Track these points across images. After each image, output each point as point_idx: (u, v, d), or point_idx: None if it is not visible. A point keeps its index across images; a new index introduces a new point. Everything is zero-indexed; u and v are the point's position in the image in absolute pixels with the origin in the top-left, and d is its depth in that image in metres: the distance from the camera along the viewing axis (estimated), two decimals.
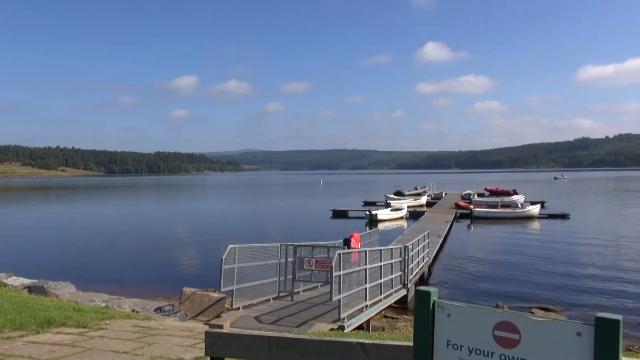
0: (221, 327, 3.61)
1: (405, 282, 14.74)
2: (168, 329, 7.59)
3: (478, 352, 2.30)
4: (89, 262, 24.20)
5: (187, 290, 13.69)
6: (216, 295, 13.13)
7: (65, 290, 13.54)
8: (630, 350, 11.12)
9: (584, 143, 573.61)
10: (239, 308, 10.99)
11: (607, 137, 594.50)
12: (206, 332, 3.51)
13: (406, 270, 14.86)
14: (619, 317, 1.99)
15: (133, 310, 11.31)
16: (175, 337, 6.81)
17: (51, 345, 6.18)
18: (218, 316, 11.80)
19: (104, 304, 11.58)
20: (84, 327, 7.31)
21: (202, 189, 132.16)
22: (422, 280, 18.66)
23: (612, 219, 42.26)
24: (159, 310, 11.82)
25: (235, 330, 4.10)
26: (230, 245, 10.90)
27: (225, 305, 12.54)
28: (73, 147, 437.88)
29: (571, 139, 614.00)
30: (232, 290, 10.90)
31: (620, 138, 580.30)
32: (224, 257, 10.56)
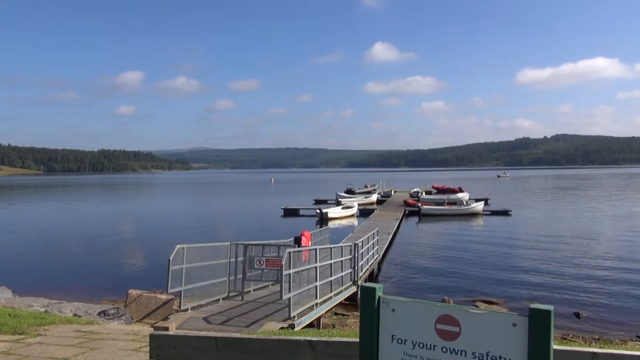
0: (166, 329, 3.53)
1: (356, 279, 14.92)
2: (112, 333, 7.34)
3: (421, 345, 2.36)
4: (27, 266, 23.00)
5: (133, 292, 13.27)
6: (164, 296, 12.81)
7: (1, 296, 12.80)
8: (565, 338, 11.75)
9: (524, 143, 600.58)
10: (187, 309, 10.77)
11: (545, 137, 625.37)
12: (151, 335, 3.43)
13: (356, 268, 15.03)
14: (550, 307, 2.11)
15: (75, 315, 10.85)
16: (119, 341, 6.59)
17: None
18: (166, 318, 11.52)
19: (43, 309, 11.04)
20: (20, 334, 6.95)
21: (149, 187, 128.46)
22: (372, 276, 18.96)
23: (549, 215, 44.49)
24: (102, 313, 11.39)
25: (181, 332, 4.02)
26: (177, 245, 10.67)
27: (174, 306, 12.25)
28: (9, 144, 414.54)
29: (512, 138, 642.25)
30: (180, 291, 10.66)
31: (557, 138, 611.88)
32: (171, 258, 10.32)
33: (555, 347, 2.34)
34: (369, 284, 2.53)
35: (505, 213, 43.31)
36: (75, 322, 8.62)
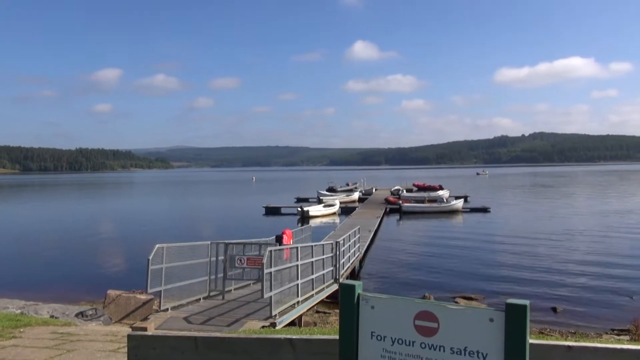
0: (145, 329, 3.48)
1: (337, 277, 14.96)
2: (90, 334, 7.23)
3: (400, 341, 2.38)
4: (2, 267, 22.50)
5: (112, 292, 13.07)
6: (143, 297, 12.65)
7: None
8: (543, 332, 11.97)
9: (503, 141, 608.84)
10: (167, 309, 10.66)
11: (523, 135, 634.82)
12: (129, 335, 3.38)
13: (337, 265, 15.08)
14: (526, 302, 2.14)
15: (52, 316, 10.65)
16: (97, 342, 6.49)
17: None
18: (146, 319, 11.39)
19: (18, 311, 10.81)
20: None
21: (129, 187, 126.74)
22: (354, 274, 19.03)
23: (527, 212, 45.23)
24: (80, 315, 11.20)
25: (160, 332, 3.97)
26: (157, 245, 10.55)
27: (154, 307, 12.11)
28: None
29: (491, 136, 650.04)
30: (160, 291, 10.55)
31: (534, 136, 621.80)
32: (150, 257, 10.20)
33: (531, 341, 2.38)
34: (348, 282, 2.53)
35: (484, 210, 43.88)
36: (52, 323, 8.46)
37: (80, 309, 11.82)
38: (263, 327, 9.46)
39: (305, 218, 39.45)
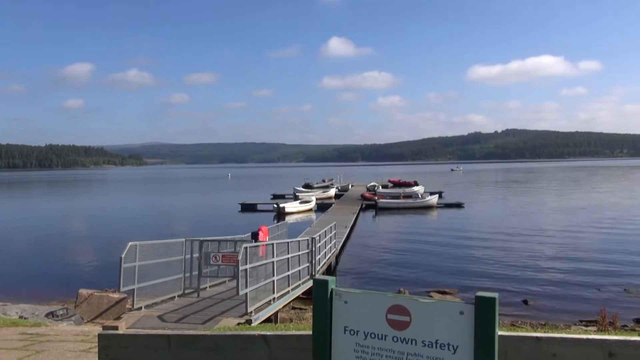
0: (116, 328, 3.43)
1: (313, 273, 14.98)
2: (60, 334, 7.08)
3: (373, 335, 2.40)
4: None
5: (84, 292, 12.84)
6: (116, 295, 12.46)
7: None
8: (514, 325, 12.24)
9: (476, 137, 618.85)
10: (140, 308, 10.51)
11: (496, 132, 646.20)
12: (99, 335, 3.32)
13: (314, 262, 15.10)
14: (495, 295, 2.18)
15: (21, 317, 10.41)
16: (68, 343, 6.36)
17: None
18: (118, 318, 11.21)
19: None
20: None
21: (101, 184, 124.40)
22: (330, 270, 19.10)
23: (500, 207, 46.12)
24: (51, 315, 10.97)
25: (131, 331, 3.91)
26: (130, 243, 10.38)
27: (127, 305, 11.94)
28: None
29: (465, 133, 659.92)
30: (133, 289, 10.40)
31: (506, 133, 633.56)
32: (123, 255, 10.03)
33: (500, 332, 2.43)
34: (321, 277, 2.54)
35: (458, 205, 44.53)
36: (20, 324, 8.26)
37: (51, 309, 11.58)
38: (238, 324, 9.42)
39: (281, 215, 39.37)
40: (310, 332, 2.64)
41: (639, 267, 19.24)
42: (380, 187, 62.58)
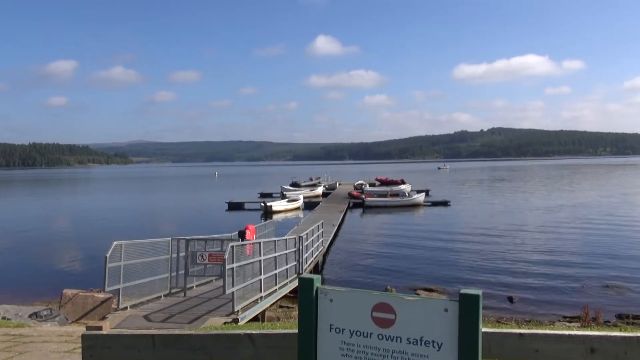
0: (100, 328, 3.39)
1: (300, 272, 14.98)
2: (44, 335, 6.99)
3: (358, 333, 2.40)
4: None
5: (68, 292, 12.67)
6: (101, 295, 12.32)
7: None
8: (500, 321, 12.37)
9: (463, 136, 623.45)
10: (126, 308, 10.43)
11: (482, 131, 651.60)
12: (83, 335, 3.28)
13: (301, 260, 15.11)
14: (479, 292, 2.20)
15: (3, 318, 10.25)
16: (51, 344, 6.28)
17: None
18: (104, 318, 11.10)
19: None
20: None
21: (86, 183, 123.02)
22: (317, 268, 19.11)
23: (486, 205, 46.52)
24: (34, 315, 10.82)
25: (116, 331, 3.88)
26: (115, 242, 10.29)
27: (112, 305, 11.82)
28: None
29: (452, 132, 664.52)
30: (119, 289, 10.31)
31: (492, 131, 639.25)
32: (108, 255, 9.94)
33: (484, 329, 2.45)
34: (306, 275, 2.54)
35: (445, 204, 44.83)
36: (3, 325, 8.15)
37: (35, 309, 11.43)
38: (225, 323, 9.39)
39: (268, 213, 39.31)
40: (296, 330, 2.64)
41: (621, 264, 19.56)
42: (368, 185, 62.77)
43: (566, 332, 2.67)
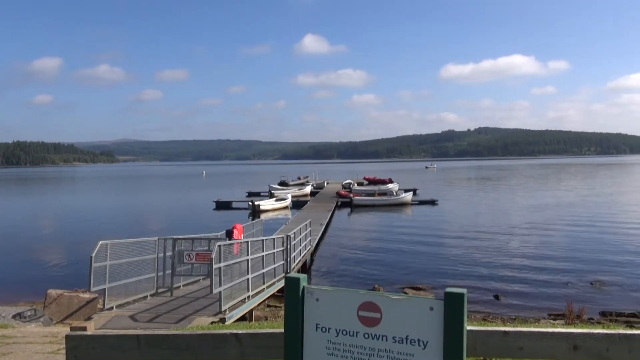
0: (84, 328, 3.35)
1: (288, 271, 14.97)
2: (28, 336, 6.90)
3: (344, 332, 2.41)
4: None
5: (53, 292, 12.52)
6: (87, 295, 12.19)
7: None
8: (486, 319, 12.47)
9: (450, 135, 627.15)
10: (112, 308, 10.34)
11: (469, 130, 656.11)
12: (67, 336, 3.24)
13: (288, 259, 15.10)
14: (464, 291, 2.22)
15: None
16: (35, 345, 6.20)
17: None
18: (89, 318, 10.99)
19: None
20: None
21: (71, 181, 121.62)
22: (305, 267, 19.11)
23: (473, 204, 46.90)
24: (18, 316, 10.66)
25: (100, 332, 3.84)
26: (100, 241, 10.19)
27: (98, 305, 11.71)
28: None
29: (439, 131, 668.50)
30: (104, 289, 10.22)
31: (479, 131, 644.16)
32: (93, 255, 9.85)
33: (469, 327, 2.47)
34: (293, 275, 2.54)
35: (432, 203, 45.09)
36: None
37: (18, 310, 11.26)
38: (212, 322, 9.35)
39: (256, 212, 39.20)
40: (283, 330, 2.63)
41: (606, 262, 19.85)
42: (356, 184, 62.90)
43: (549, 330, 2.70)
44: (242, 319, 10.86)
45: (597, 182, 77.78)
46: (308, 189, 59.26)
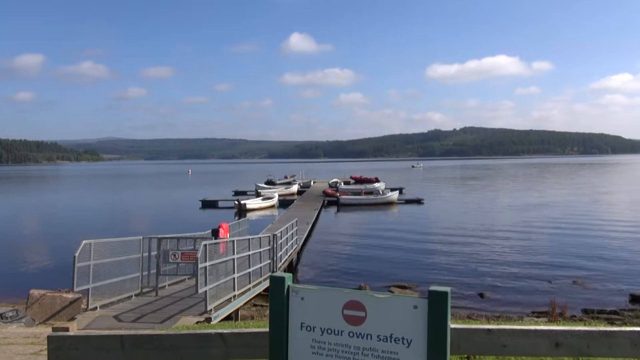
0: (67, 329, 3.31)
1: (275, 270, 14.94)
2: (9, 337, 6.79)
3: (329, 331, 2.41)
4: None
5: (35, 292, 12.33)
6: (70, 295, 12.03)
7: None
8: (471, 317, 12.58)
9: (436, 135, 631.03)
10: (96, 308, 10.23)
11: (454, 130, 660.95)
12: (49, 337, 3.20)
13: (275, 258, 15.07)
14: (447, 289, 2.23)
15: None
16: (17, 346, 6.11)
17: None
18: (72, 319, 10.86)
19: None
20: None
21: (55, 180, 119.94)
22: (291, 266, 19.10)
23: (458, 203, 47.28)
24: None
25: (83, 332, 3.80)
26: (84, 241, 10.06)
27: (82, 306, 11.57)
28: None
29: (425, 130, 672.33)
30: (88, 289, 10.10)
31: (465, 130, 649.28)
32: (77, 254, 9.73)
33: (453, 325, 2.49)
34: (278, 274, 2.54)
35: (418, 202, 45.36)
36: None
37: (0, 310, 11.08)
38: (198, 322, 9.30)
39: (242, 211, 39.06)
40: (267, 329, 2.63)
41: (589, 261, 20.16)
42: (342, 183, 63.01)
43: (532, 327, 2.73)
44: (228, 318, 10.82)
45: (580, 181, 78.91)
46: (295, 188, 59.20)
